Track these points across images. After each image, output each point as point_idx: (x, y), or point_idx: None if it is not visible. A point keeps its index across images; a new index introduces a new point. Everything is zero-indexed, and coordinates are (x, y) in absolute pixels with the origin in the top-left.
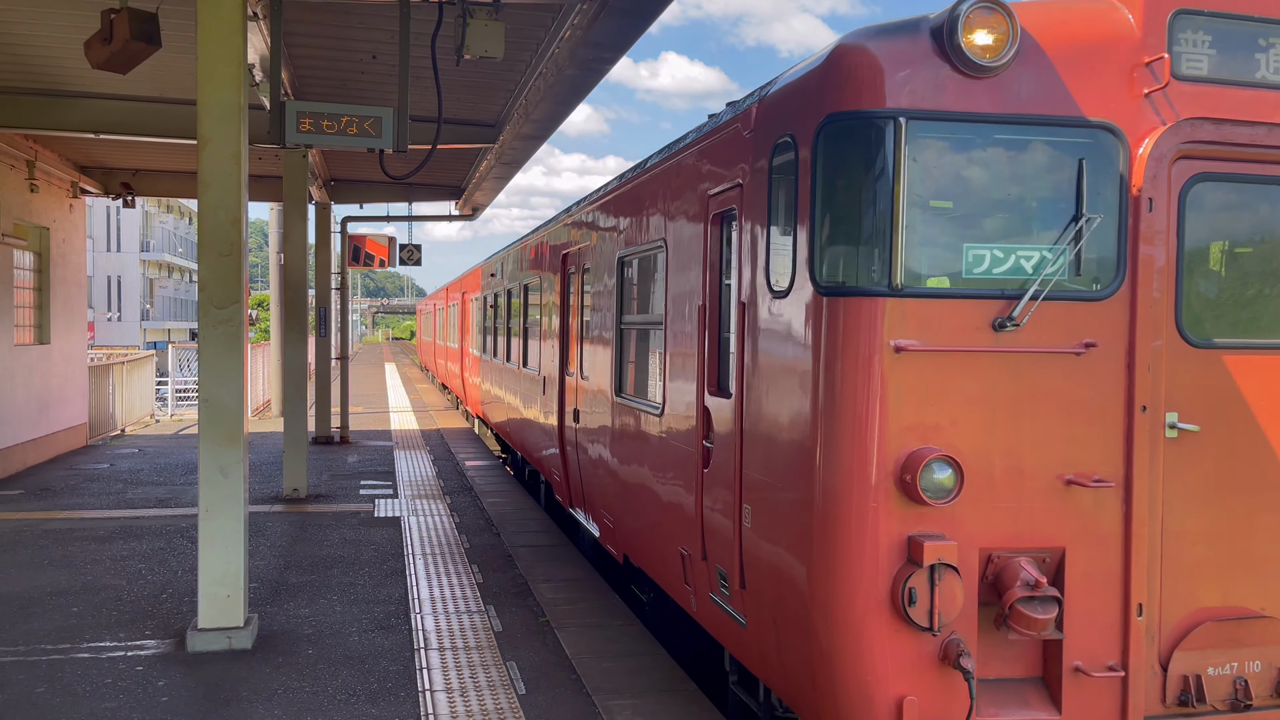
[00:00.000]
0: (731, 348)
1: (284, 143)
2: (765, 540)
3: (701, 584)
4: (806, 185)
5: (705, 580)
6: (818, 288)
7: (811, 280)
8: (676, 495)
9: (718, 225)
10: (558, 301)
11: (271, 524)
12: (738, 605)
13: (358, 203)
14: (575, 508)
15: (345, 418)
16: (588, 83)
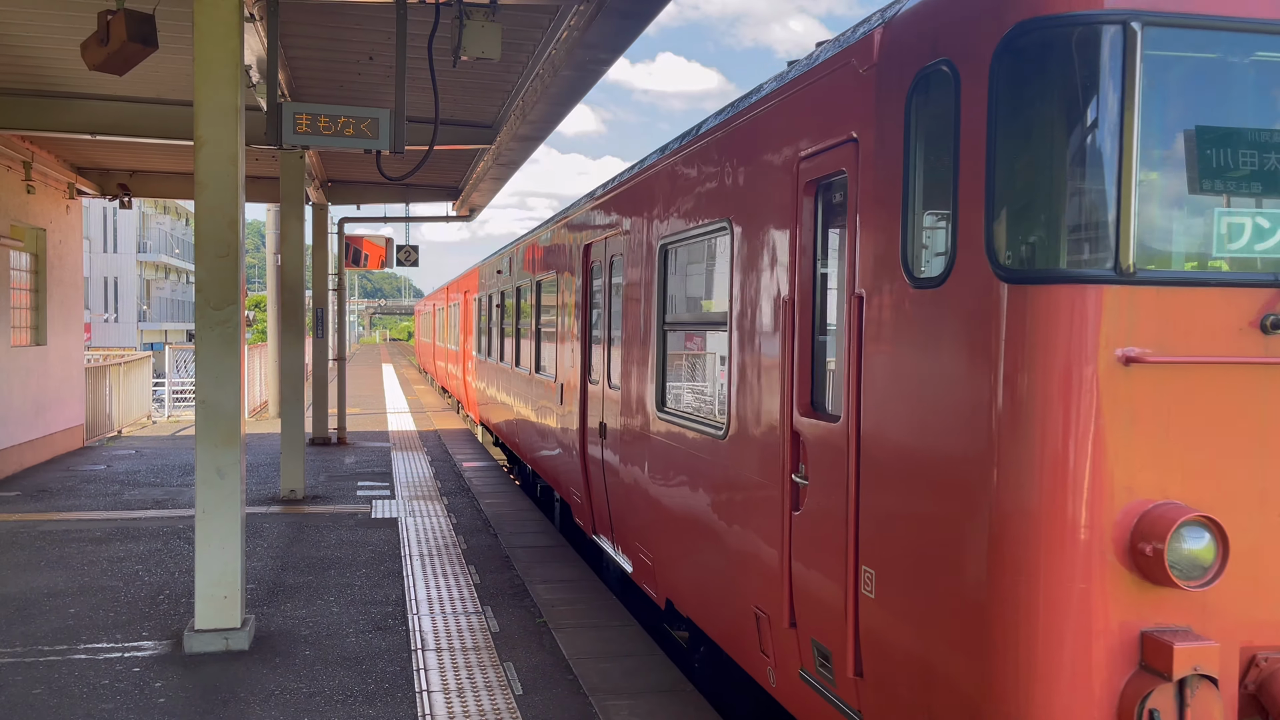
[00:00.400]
0: (836, 354)
1: (281, 144)
2: (899, 619)
3: (786, 656)
4: (976, 129)
5: (792, 652)
6: (998, 271)
7: (988, 261)
8: (748, 540)
9: (813, 196)
10: (579, 300)
11: (269, 525)
12: (848, 696)
13: (355, 204)
14: (600, 534)
15: (342, 419)
16: (584, 84)
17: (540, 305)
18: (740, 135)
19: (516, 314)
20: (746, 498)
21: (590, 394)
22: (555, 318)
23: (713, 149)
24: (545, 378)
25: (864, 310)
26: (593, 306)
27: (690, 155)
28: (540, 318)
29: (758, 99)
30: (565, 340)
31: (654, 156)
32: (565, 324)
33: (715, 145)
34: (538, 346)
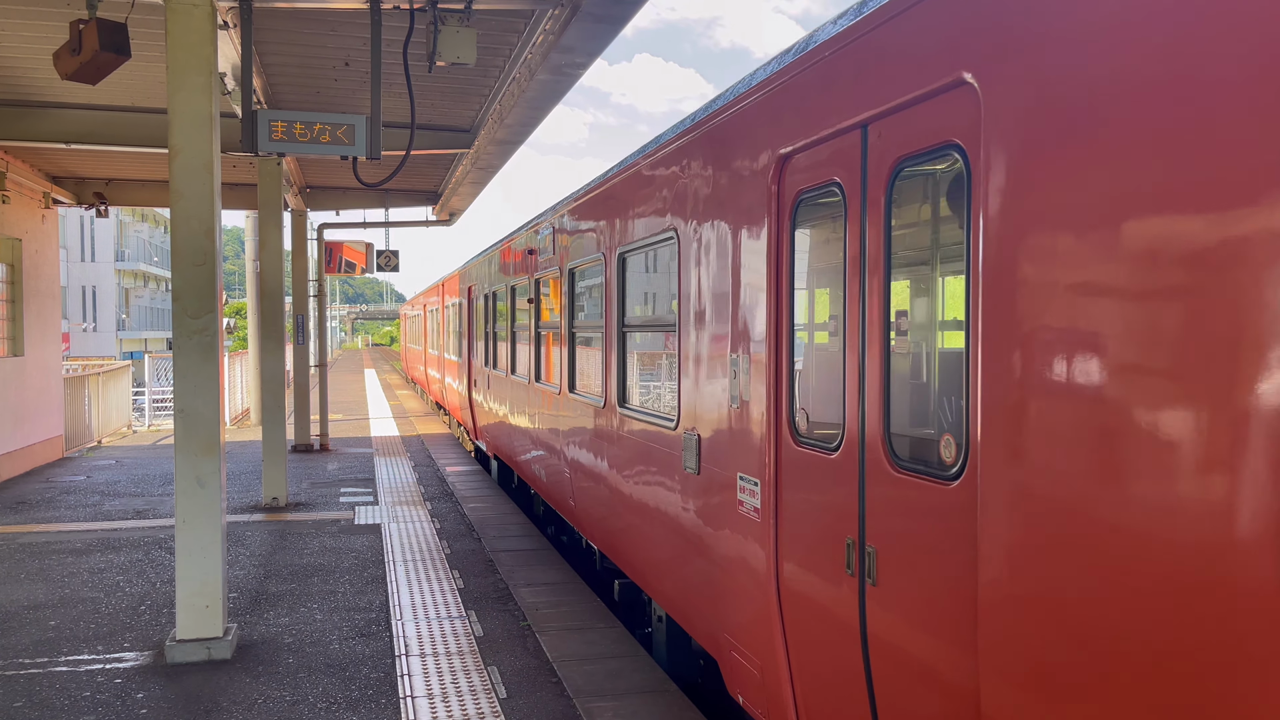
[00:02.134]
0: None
1: (256, 150)
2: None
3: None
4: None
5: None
6: None
7: None
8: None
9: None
10: (756, 275)
11: (251, 533)
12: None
13: (334, 209)
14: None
15: (325, 425)
16: (561, 88)
17: (625, 294)
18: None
19: (568, 308)
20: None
21: (783, 458)
22: (697, 310)
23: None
24: (640, 419)
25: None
26: (778, 288)
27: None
28: (628, 311)
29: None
30: (711, 352)
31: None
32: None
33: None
34: (618, 366)
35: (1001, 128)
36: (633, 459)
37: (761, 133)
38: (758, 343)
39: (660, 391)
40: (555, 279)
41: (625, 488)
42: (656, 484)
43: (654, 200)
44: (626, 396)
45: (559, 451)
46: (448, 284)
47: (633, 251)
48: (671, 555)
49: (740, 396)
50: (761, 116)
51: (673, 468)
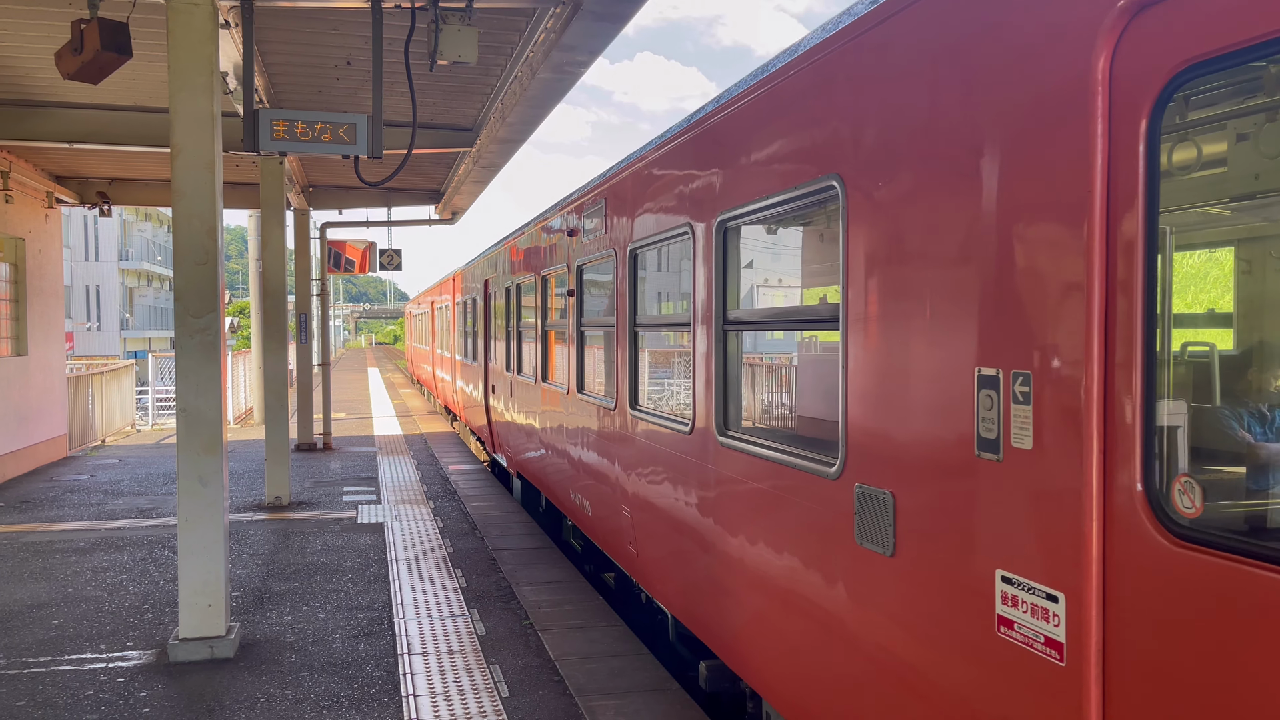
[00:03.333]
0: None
1: (258, 150)
2: None
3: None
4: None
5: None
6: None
7: None
8: None
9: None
10: (1048, 234)
11: (254, 532)
12: None
13: (336, 208)
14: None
15: (328, 424)
16: (562, 86)
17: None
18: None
19: (627, 300)
20: None
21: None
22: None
23: None
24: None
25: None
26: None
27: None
28: (731, 302)
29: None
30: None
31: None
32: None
33: None
34: (723, 376)
35: None
36: (743, 512)
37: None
38: (1063, 353)
39: (788, 417)
40: (608, 263)
41: (730, 550)
42: (796, 555)
43: (792, 138)
44: (729, 421)
45: (613, 484)
46: (460, 277)
47: (744, 219)
48: (832, 673)
49: (1007, 442)
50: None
51: (831, 536)
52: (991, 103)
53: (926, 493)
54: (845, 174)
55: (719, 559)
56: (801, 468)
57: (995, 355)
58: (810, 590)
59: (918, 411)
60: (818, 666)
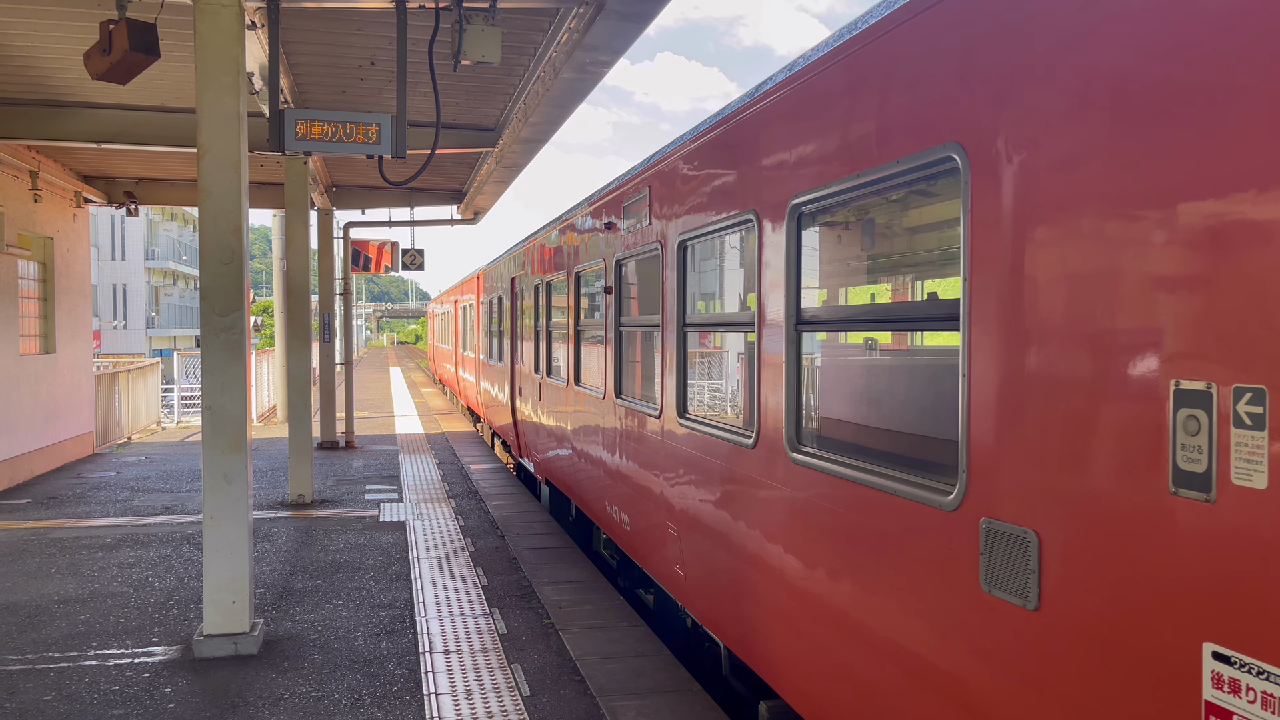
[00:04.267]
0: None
1: (283, 149)
2: None
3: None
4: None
5: None
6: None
7: None
8: None
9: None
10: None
11: (277, 530)
12: None
13: (360, 208)
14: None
15: (350, 422)
16: (585, 86)
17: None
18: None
19: (675, 296)
20: None
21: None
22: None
23: None
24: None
25: None
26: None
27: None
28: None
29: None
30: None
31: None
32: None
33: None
34: (795, 384)
35: None
36: (823, 542)
37: None
38: None
39: (873, 431)
40: (652, 257)
41: (803, 584)
42: (894, 597)
43: (895, 101)
44: (803, 434)
45: (657, 499)
46: (484, 275)
47: (824, 202)
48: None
49: (1224, 477)
50: None
51: (946, 578)
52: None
53: (1090, 535)
54: (970, 141)
55: (789, 593)
56: (904, 494)
57: (1204, 365)
58: (913, 639)
59: (1078, 432)
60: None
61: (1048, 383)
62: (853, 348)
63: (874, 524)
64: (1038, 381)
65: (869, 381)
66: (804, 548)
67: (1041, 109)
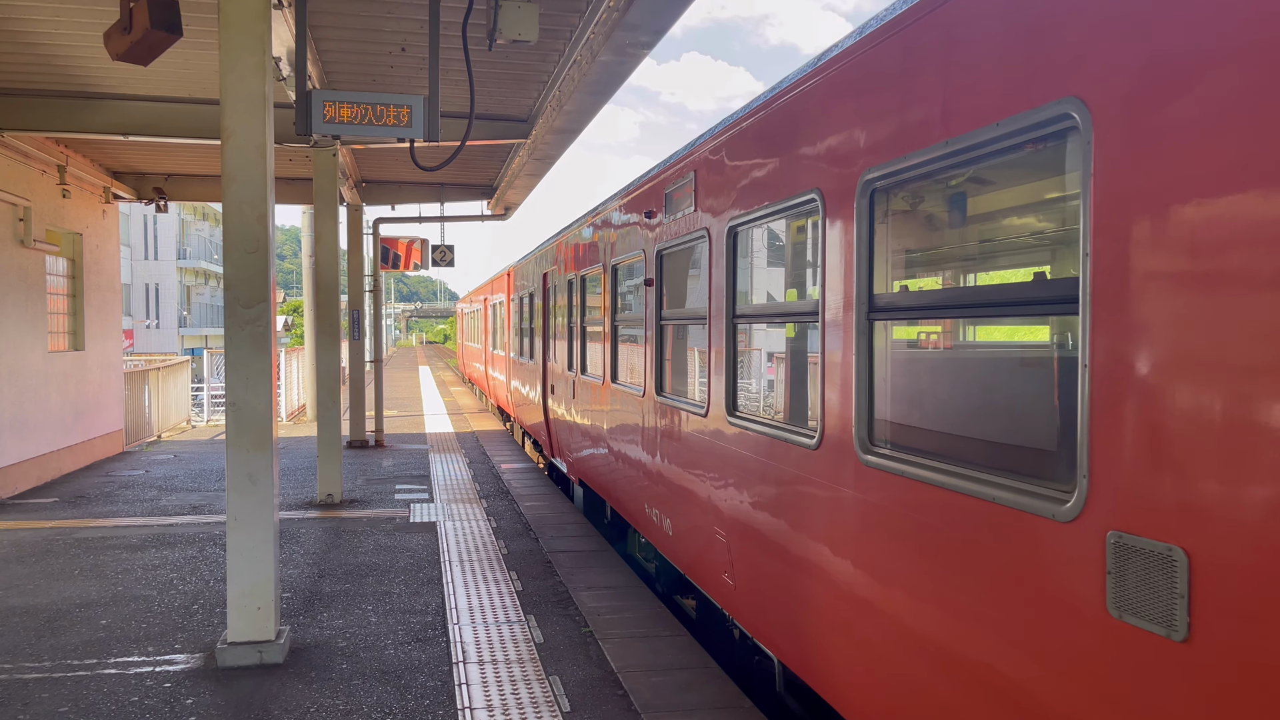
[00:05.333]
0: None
1: (310, 132)
2: None
3: None
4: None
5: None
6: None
7: None
8: None
9: None
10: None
11: (305, 530)
12: None
13: (389, 204)
14: None
15: (380, 421)
16: (623, 71)
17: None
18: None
19: (725, 285)
20: None
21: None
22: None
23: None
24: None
25: None
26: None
27: None
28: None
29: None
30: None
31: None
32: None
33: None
34: (867, 373)
35: None
36: (901, 553)
37: None
38: None
39: (958, 429)
40: (698, 246)
41: (876, 600)
42: (990, 617)
43: (1002, 50)
44: (875, 435)
45: (703, 504)
46: (514, 273)
47: (902, 177)
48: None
49: None
50: None
51: (1061, 598)
52: None
53: (1260, 554)
54: (1095, 95)
55: (859, 609)
56: (1004, 502)
57: None
58: (1012, 665)
59: (1245, 430)
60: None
61: (1202, 371)
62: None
63: (964, 535)
64: (1189, 370)
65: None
66: (878, 560)
67: (1197, 52)
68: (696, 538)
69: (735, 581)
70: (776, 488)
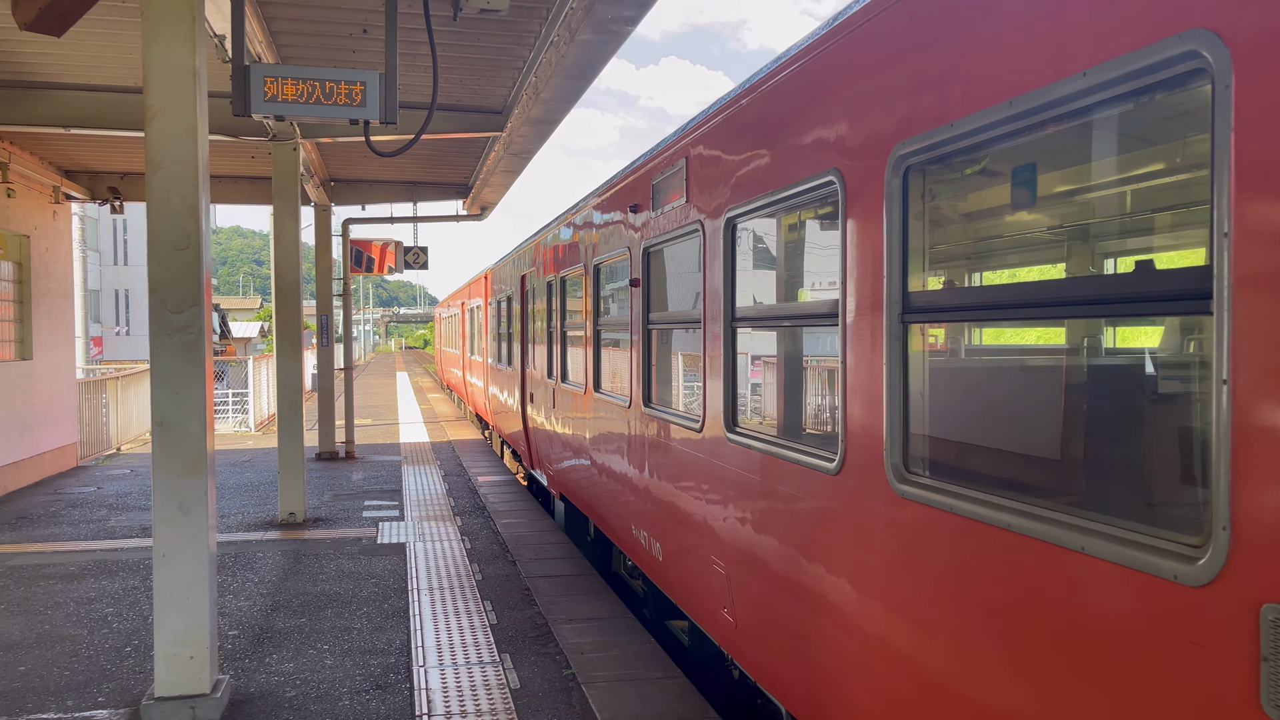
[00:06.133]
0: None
1: (248, 111)
2: None
3: None
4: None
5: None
6: None
7: None
8: None
9: None
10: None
11: (262, 555)
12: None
13: (359, 204)
14: None
15: (350, 431)
16: (604, 51)
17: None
18: None
19: (722, 286)
20: None
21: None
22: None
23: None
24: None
25: None
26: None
27: None
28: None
29: None
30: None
31: None
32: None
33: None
34: (900, 382)
35: None
36: (956, 605)
37: None
38: None
39: (1011, 453)
40: (689, 241)
41: (920, 657)
42: (1087, 703)
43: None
44: (911, 459)
45: (698, 528)
46: (492, 275)
47: (955, 146)
48: None
49: None
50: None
51: (1197, 686)
52: None
53: None
54: (1232, 26)
55: (891, 664)
56: (1101, 555)
57: None
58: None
59: None
60: None
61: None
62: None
63: (1033, 589)
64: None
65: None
66: (920, 610)
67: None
68: (691, 566)
69: (736, 619)
70: (787, 517)
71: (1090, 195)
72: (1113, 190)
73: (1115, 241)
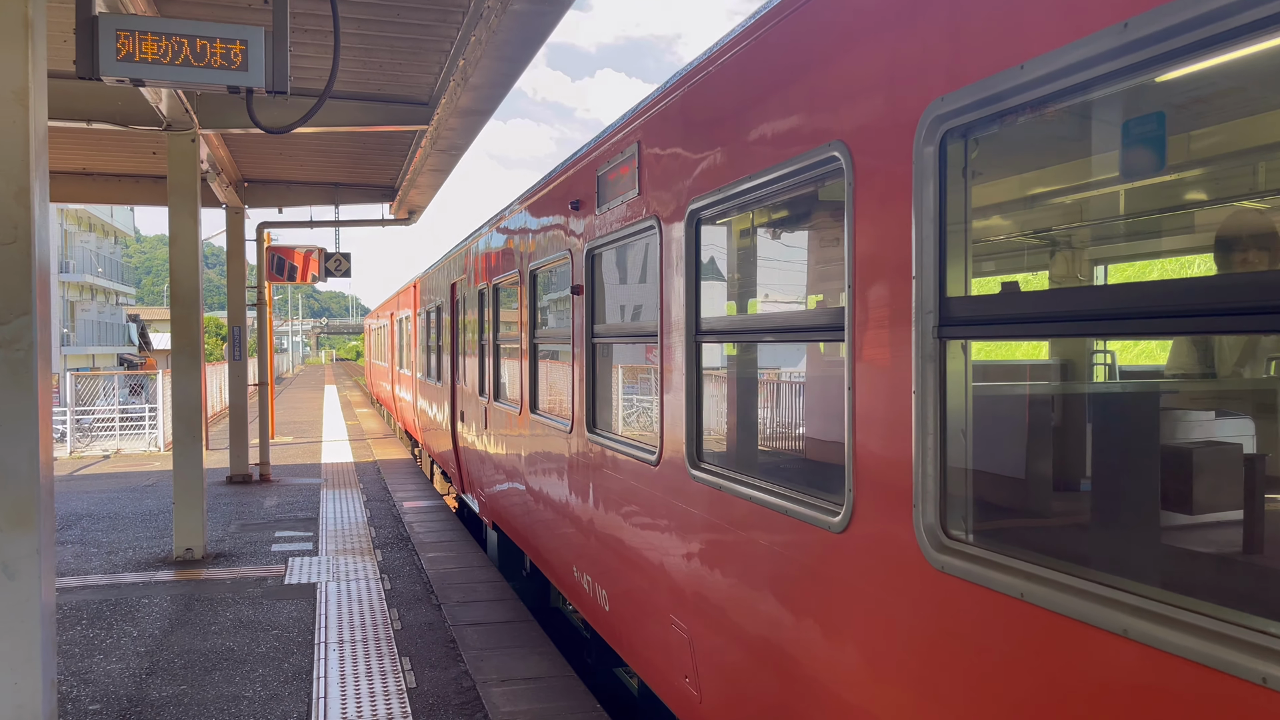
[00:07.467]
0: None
1: (95, 73)
2: None
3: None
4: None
5: None
6: None
7: None
8: None
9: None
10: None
11: (148, 600)
12: None
13: (276, 206)
14: None
15: (265, 452)
16: (542, 25)
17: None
18: None
19: (685, 295)
20: None
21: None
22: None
23: None
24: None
25: None
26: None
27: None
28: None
29: None
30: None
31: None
32: None
33: None
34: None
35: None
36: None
37: None
38: None
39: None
40: (642, 241)
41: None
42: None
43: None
44: (949, 519)
45: (653, 578)
46: (421, 285)
47: (989, 113)
48: None
49: None
50: None
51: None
52: None
53: None
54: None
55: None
56: (1177, 650)
57: None
58: None
59: None
60: None
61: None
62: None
63: None
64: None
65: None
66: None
67: None
68: (643, 622)
69: (701, 693)
70: (771, 580)
71: (1203, 165)
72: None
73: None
